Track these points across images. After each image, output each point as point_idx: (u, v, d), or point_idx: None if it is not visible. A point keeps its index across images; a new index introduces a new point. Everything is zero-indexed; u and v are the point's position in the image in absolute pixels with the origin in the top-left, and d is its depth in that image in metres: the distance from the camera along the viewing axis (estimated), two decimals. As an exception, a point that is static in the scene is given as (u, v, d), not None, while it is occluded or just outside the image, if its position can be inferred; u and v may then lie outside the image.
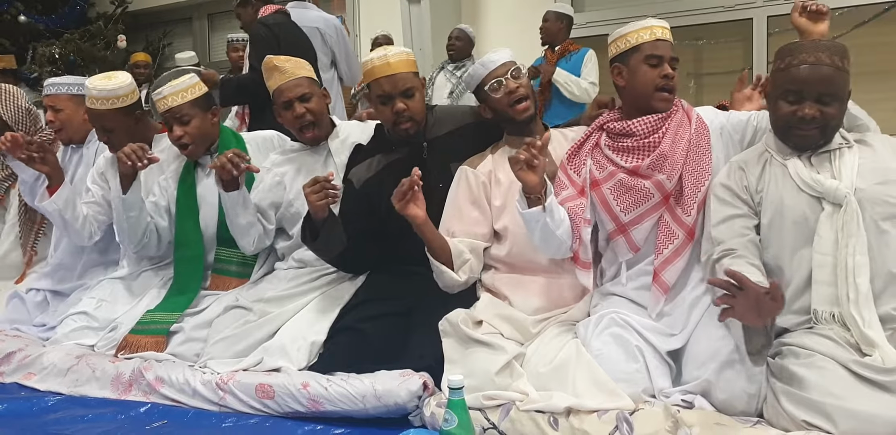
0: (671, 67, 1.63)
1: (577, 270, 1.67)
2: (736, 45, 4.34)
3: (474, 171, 1.83)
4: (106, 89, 2.11)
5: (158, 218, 2.17)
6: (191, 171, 2.16)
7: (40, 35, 5.06)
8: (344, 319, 1.86)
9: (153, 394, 1.79)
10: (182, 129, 2.05)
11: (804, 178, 1.47)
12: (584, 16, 4.61)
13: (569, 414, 1.40)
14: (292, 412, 1.65)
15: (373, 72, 1.85)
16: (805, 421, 1.25)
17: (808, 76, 1.45)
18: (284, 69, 2.00)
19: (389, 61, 1.84)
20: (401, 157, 1.93)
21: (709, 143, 1.64)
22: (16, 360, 1.99)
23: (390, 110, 1.85)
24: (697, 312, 1.55)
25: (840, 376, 1.28)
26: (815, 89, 1.45)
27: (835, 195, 1.43)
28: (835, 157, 1.49)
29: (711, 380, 1.39)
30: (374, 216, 1.92)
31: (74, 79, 2.35)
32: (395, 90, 1.84)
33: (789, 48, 1.50)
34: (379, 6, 5.22)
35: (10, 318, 2.25)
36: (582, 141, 1.74)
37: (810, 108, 1.45)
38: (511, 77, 1.76)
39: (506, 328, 1.66)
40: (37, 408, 1.78)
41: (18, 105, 2.48)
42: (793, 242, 1.47)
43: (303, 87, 1.99)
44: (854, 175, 1.45)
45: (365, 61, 1.88)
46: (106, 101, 2.12)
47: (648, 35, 1.63)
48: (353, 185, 1.96)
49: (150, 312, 2.04)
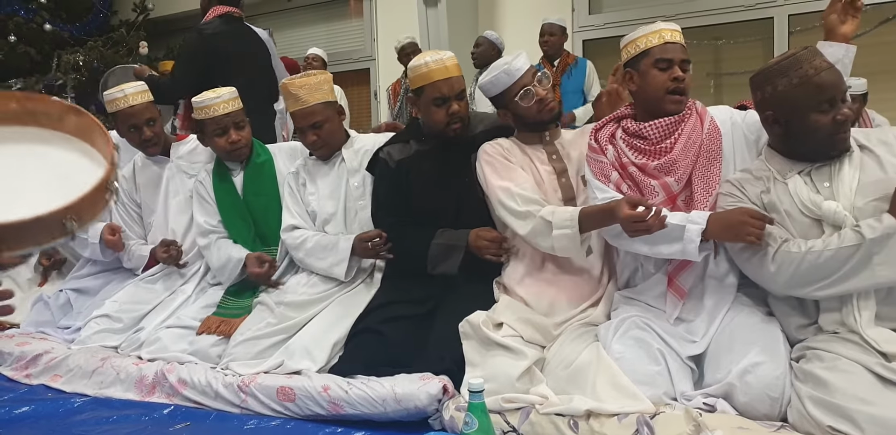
0: (682, 70, 1.62)
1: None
2: (755, 45, 4.29)
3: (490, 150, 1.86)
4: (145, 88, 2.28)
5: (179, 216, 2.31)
6: (224, 170, 2.25)
7: (65, 43, 5.15)
8: (364, 320, 1.87)
9: (176, 396, 1.81)
10: (239, 133, 2.16)
11: (803, 201, 1.45)
12: (602, 17, 4.59)
13: (589, 417, 1.39)
14: (313, 415, 1.66)
15: (430, 75, 1.86)
16: (831, 427, 1.23)
17: (836, 79, 1.44)
18: (299, 96, 2.02)
19: (447, 65, 1.87)
20: (430, 149, 1.98)
21: (720, 147, 1.63)
22: (42, 362, 2.03)
23: (445, 112, 1.89)
24: (718, 317, 1.53)
25: (866, 381, 1.26)
26: (841, 90, 1.44)
27: (833, 218, 1.41)
28: (834, 172, 1.46)
29: (734, 383, 1.38)
30: (409, 198, 1.96)
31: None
32: (451, 92, 1.88)
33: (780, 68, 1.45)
34: (396, 11, 5.24)
35: (35, 320, 2.30)
36: (599, 127, 1.73)
37: (847, 108, 1.44)
38: (538, 83, 1.78)
39: (527, 331, 1.66)
40: (63, 409, 1.81)
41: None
42: None
43: (315, 116, 2.03)
44: (853, 192, 1.42)
45: (418, 65, 1.88)
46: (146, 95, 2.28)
47: (657, 39, 1.63)
48: (387, 163, 1.99)
49: (228, 295, 2.12)
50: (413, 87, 1.94)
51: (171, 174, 2.34)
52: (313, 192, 2.13)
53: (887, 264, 1.34)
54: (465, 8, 4.79)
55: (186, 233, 2.31)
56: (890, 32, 3.86)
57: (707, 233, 1.48)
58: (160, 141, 2.33)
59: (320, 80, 2.05)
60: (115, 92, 2.24)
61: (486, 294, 1.83)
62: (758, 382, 1.36)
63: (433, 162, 1.96)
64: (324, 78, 2.07)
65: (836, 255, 1.37)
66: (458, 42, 4.60)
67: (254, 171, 2.23)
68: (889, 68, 3.86)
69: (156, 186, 2.36)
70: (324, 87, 2.06)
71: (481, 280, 1.86)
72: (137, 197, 2.38)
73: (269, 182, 2.22)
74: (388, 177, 1.99)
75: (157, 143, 2.32)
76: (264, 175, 2.23)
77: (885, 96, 3.67)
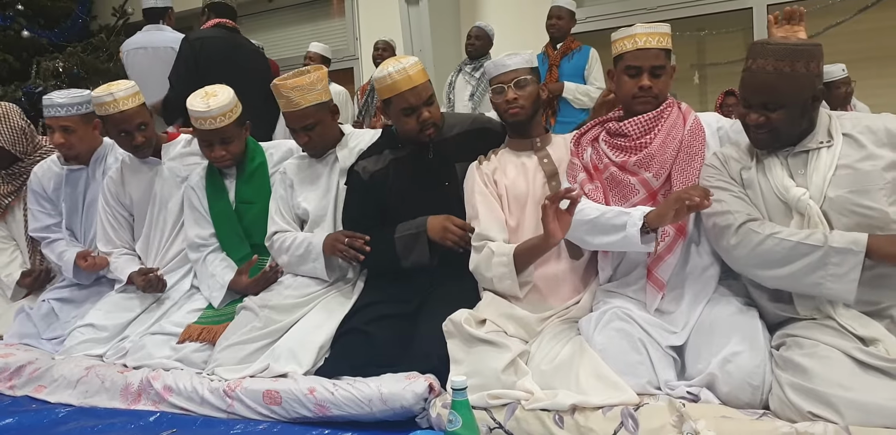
0: (654, 75, 1.64)
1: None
2: (737, 35, 4.31)
3: (481, 166, 1.90)
4: (136, 90, 2.17)
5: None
6: (216, 175, 2.20)
7: (43, 49, 5.09)
8: (350, 321, 1.87)
9: (162, 403, 1.80)
10: (225, 148, 2.10)
11: (776, 184, 1.46)
12: (585, 11, 4.58)
13: (574, 411, 1.40)
14: (300, 418, 1.65)
15: (395, 86, 1.85)
16: (811, 412, 1.24)
17: (748, 84, 1.45)
18: (290, 98, 1.98)
19: (409, 74, 1.85)
20: (407, 154, 1.98)
21: (702, 145, 1.66)
22: (26, 373, 2.01)
23: (415, 120, 1.88)
24: (698, 309, 1.54)
25: (845, 366, 1.27)
26: (756, 97, 1.44)
27: (797, 205, 1.42)
28: (812, 159, 1.46)
29: (715, 373, 1.39)
30: (377, 209, 1.95)
31: (78, 96, 2.26)
32: (419, 101, 1.87)
33: (749, 49, 1.46)
34: (378, 9, 5.22)
35: (18, 332, 2.27)
36: (584, 131, 1.79)
37: (754, 114, 1.44)
38: (514, 86, 1.80)
39: (510, 326, 1.67)
40: (48, 420, 1.79)
41: (12, 126, 2.43)
42: None
43: (306, 118, 2.00)
44: (826, 182, 1.41)
45: (382, 76, 1.86)
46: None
47: (630, 44, 1.66)
48: (360, 175, 1.98)
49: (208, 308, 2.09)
50: (381, 98, 1.93)
51: (162, 179, 2.27)
52: (301, 193, 2.10)
53: (838, 279, 1.34)
54: (447, 5, 4.79)
55: (174, 240, 2.26)
56: (869, 20, 3.89)
57: (648, 216, 1.51)
58: (152, 145, 2.25)
59: (313, 80, 1.99)
60: (104, 95, 2.11)
61: (470, 292, 1.83)
62: (738, 371, 1.37)
63: (410, 168, 1.95)
64: (317, 76, 2.01)
65: (795, 248, 1.38)
66: (441, 39, 4.60)
67: (246, 178, 2.19)
68: (869, 55, 3.88)
69: (145, 190, 2.29)
70: (317, 86, 2.00)
71: (466, 278, 1.85)
72: (126, 199, 2.31)
73: (262, 189, 2.17)
74: (359, 190, 1.98)
75: (150, 147, 2.25)
76: (256, 182, 2.18)
77: (864, 83, 3.69)
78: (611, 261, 1.72)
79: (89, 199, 2.38)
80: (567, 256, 1.76)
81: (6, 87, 4.78)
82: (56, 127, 2.27)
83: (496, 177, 1.86)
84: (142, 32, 3.52)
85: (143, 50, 3.44)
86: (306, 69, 2.05)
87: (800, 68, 1.40)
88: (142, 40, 3.48)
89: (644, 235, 1.53)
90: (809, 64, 1.40)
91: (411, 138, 1.94)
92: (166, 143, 2.32)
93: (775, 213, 1.47)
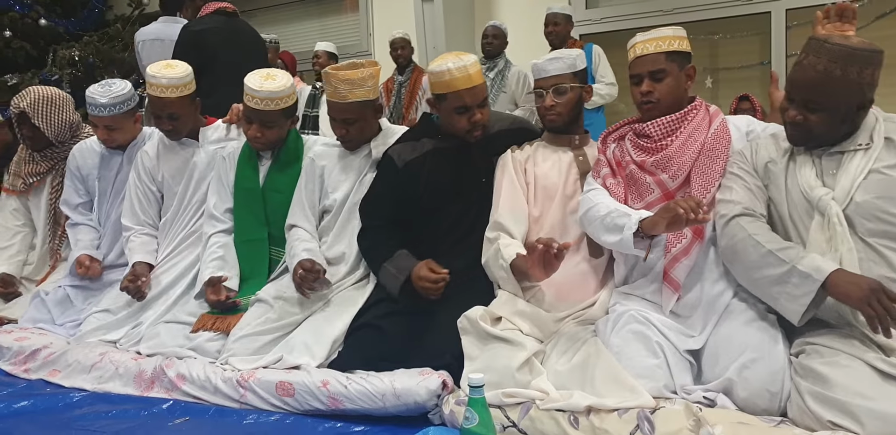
0: (653, 79, 1.66)
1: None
2: (752, 40, 4.28)
3: (514, 154, 1.92)
4: (176, 77, 2.17)
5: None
6: (253, 157, 2.20)
7: (60, 38, 5.11)
8: (364, 315, 1.87)
9: (175, 391, 1.81)
10: (261, 131, 2.09)
11: (801, 180, 1.45)
12: (599, 11, 4.57)
13: (589, 413, 1.39)
14: (312, 410, 1.66)
15: (453, 84, 1.84)
16: (831, 421, 1.23)
17: (795, 78, 1.42)
18: (339, 89, 1.97)
19: (469, 73, 1.84)
20: (447, 147, 1.97)
21: (726, 148, 1.65)
22: (41, 357, 2.03)
23: (467, 120, 1.88)
24: (715, 312, 1.54)
25: (866, 375, 1.26)
26: (799, 93, 1.41)
27: (818, 204, 1.41)
28: (845, 161, 1.44)
29: (733, 378, 1.38)
30: (405, 198, 1.95)
31: (119, 95, 2.26)
32: (475, 102, 1.87)
33: (806, 43, 1.43)
34: (392, 6, 5.21)
35: (33, 317, 2.29)
36: (613, 129, 1.82)
37: (794, 111, 1.42)
38: (553, 93, 1.82)
39: (525, 325, 1.67)
40: (62, 404, 1.81)
41: (63, 119, 2.48)
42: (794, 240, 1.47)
43: (348, 113, 2.00)
44: (854, 185, 1.39)
45: (441, 71, 1.84)
46: (175, 89, 2.17)
47: (631, 54, 1.71)
48: (394, 162, 1.97)
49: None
50: (434, 92, 1.91)
51: (197, 160, 2.27)
52: (332, 182, 2.09)
53: (792, 299, 1.35)
54: (462, 2, 4.77)
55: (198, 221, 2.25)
56: (888, 26, 3.86)
57: (644, 222, 1.51)
58: (181, 134, 2.27)
59: (364, 76, 1.97)
60: (156, 74, 2.14)
61: (485, 289, 1.83)
62: (756, 377, 1.36)
63: (450, 161, 1.95)
64: (369, 73, 1.98)
65: (766, 256, 1.39)
66: (455, 37, 4.58)
67: (280, 166, 2.18)
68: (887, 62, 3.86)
69: (179, 169, 2.29)
70: (367, 83, 1.97)
71: (482, 275, 1.86)
72: (159, 176, 2.31)
73: (293, 181, 2.15)
74: (388, 179, 1.98)
75: (177, 135, 2.26)
76: (288, 173, 2.17)
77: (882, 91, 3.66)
78: (626, 261, 1.72)
79: (118, 184, 2.41)
80: (587, 255, 1.77)
81: (23, 74, 4.80)
82: (100, 125, 2.31)
83: (527, 165, 1.88)
84: (158, 23, 3.50)
85: (159, 42, 3.42)
86: (360, 63, 2.04)
87: (851, 73, 1.34)
88: (157, 32, 3.46)
89: (640, 239, 1.53)
90: (863, 70, 1.35)
91: (457, 136, 1.94)
92: (204, 127, 2.34)
93: (799, 211, 1.46)
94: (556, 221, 1.81)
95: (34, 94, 2.44)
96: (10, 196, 2.63)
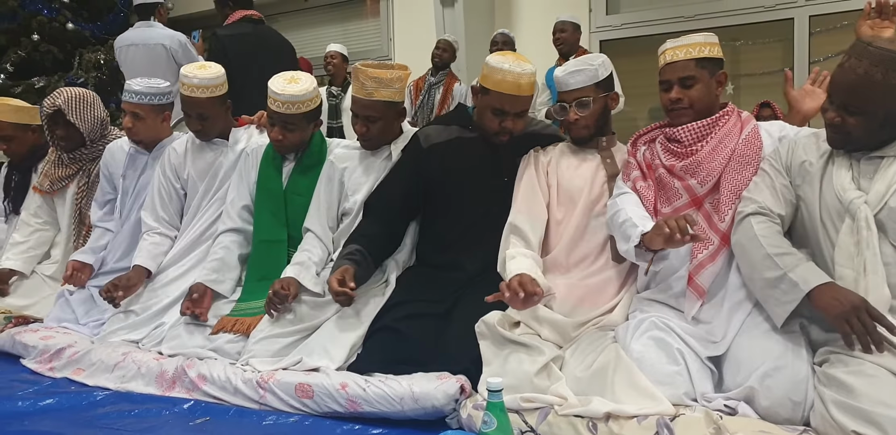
0: (684, 86, 1.67)
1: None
2: (775, 46, 4.25)
3: (538, 154, 1.95)
4: (207, 78, 2.21)
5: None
6: (277, 158, 2.22)
7: (86, 42, 5.23)
8: (382, 318, 1.88)
9: (196, 391, 1.83)
10: (283, 133, 2.11)
11: (836, 183, 1.44)
12: (620, 17, 4.56)
13: (608, 419, 1.39)
14: (331, 412, 1.67)
15: (502, 84, 1.84)
16: (855, 431, 1.22)
17: (836, 80, 1.42)
18: (365, 85, 1.99)
19: (521, 82, 1.84)
20: (474, 138, 1.99)
21: (757, 154, 1.65)
22: (66, 356, 2.06)
23: (498, 124, 1.90)
24: (738, 319, 1.53)
25: (892, 385, 1.24)
26: (838, 96, 1.41)
27: (849, 206, 1.40)
28: (883, 166, 1.42)
29: (755, 386, 1.37)
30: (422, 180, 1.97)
31: (154, 87, 2.35)
32: (513, 109, 1.88)
33: (851, 45, 1.41)
34: (413, 11, 5.25)
35: (57, 316, 2.33)
36: (644, 132, 1.82)
37: (832, 113, 1.42)
38: (576, 106, 1.82)
39: (544, 330, 1.67)
40: (86, 402, 1.83)
41: (95, 115, 2.57)
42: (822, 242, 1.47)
43: (370, 110, 2.01)
44: (890, 190, 1.38)
45: (498, 67, 1.84)
46: (206, 90, 2.22)
47: (661, 61, 1.72)
48: (419, 142, 1.99)
49: (240, 301, 2.08)
50: (481, 83, 1.92)
51: (225, 161, 2.31)
52: (352, 184, 2.11)
53: (778, 304, 1.40)
54: (482, 8, 4.79)
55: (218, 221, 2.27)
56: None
57: (645, 235, 1.53)
58: (210, 135, 2.31)
59: (393, 78, 1.98)
60: (188, 74, 2.19)
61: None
62: (779, 386, 1.35)
63: (477, 152, 1.96)
64: (398, 75, 1.99)
65: (765, 259, 1.43)
66: (475, 42, 4.60)
67: (302, 169, 2.20)
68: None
69: (205, 168, 2.33)
70: (395, 85, 1.99)
71: (500, 279, 1.86)
72: (185, 174, 2.34)
73: (314, 186, 2.16)
74: (413, 154, 1.99)
75: (206, 136, 2.30)
76: (310, 176, 2.18)
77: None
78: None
79: (141, 184, 2.44)
80: (610, 259, 1.76)
81: (50, 77, 4.91)
82: (128, 111, 2.36)
83: (549, 167, 1.89)
84: (133, 29, 3.60)
85: (134, 47, 3.52)
86: (391, 64, 2.06)
87: (892, 78, 1.31)
88: (133, 37, 3.55)
89: (644, 252, 1.55)
90: None
91: (483, 133, 1.96)
92: (235, 128, 2.38)
93: (830, 213, 1.45)
94: (577, 224, 1.81)
95: (67, 93, 2.53)
96: (36, 193, 2.70)
